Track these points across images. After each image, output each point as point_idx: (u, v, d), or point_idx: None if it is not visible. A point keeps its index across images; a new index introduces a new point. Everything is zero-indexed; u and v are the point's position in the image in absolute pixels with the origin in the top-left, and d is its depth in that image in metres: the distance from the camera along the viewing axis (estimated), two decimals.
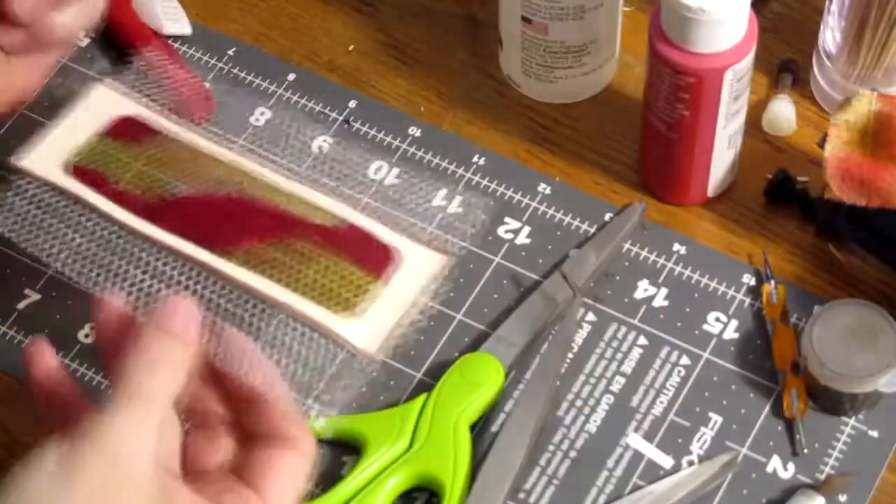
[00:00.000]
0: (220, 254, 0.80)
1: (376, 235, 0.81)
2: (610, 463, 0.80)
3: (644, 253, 0.87)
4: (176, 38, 0.96)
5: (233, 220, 0.82)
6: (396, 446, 0.79)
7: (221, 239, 0.81)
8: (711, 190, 0.88)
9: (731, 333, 0.84)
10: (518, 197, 0.89)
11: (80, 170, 0.83)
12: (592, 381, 0.83)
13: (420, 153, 0.91)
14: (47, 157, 0.83)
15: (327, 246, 0.80)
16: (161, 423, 0.61)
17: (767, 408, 0.81)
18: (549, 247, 0.87)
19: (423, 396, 0.81)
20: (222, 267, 0.79)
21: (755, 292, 0.85)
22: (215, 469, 0.66)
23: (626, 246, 0.87)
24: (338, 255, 0.80)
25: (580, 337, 0.84)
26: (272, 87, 0.94)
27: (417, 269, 0.80)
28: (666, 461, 0.80)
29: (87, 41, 0.96)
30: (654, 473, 0.80)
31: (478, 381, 0.81)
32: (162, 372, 0.62)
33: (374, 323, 0.79)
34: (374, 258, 0.80)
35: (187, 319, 0.64)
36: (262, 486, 0.65)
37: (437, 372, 0.82)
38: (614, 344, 0.84)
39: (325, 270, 0.79)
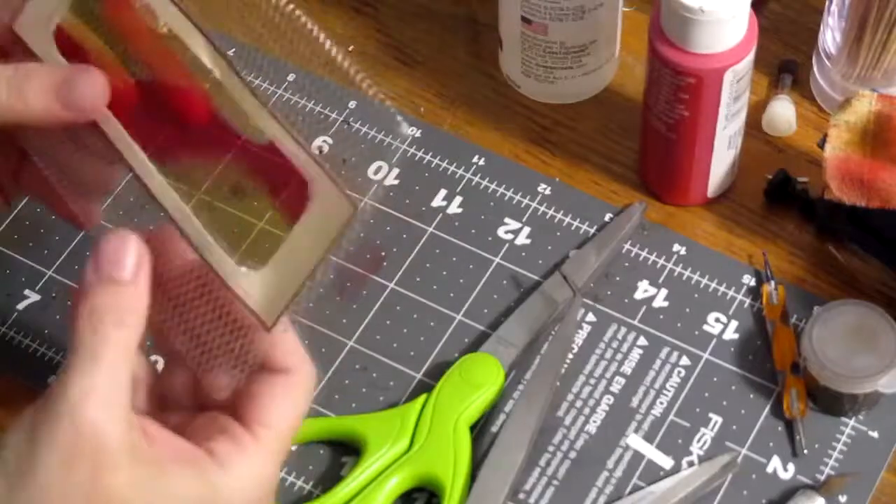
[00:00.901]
0: (155, 161, 0.67)
1: (298, 164, 0.64)
2: (610, 463, 0.80)
3: (644, 253, 0.87)
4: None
5: (183, 125, 0.70)
6: (396, 447, 0.79)
7: (162, 143, 0.68)
8: (711, 190, 0.88)
9: (731, 334, 0.84)
10: (518, 197, 0.89)
11: (63, 35, 0.70)
12: (592, 381, 0.83)
13: (420, 153, 0.91)
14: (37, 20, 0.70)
15: (250, 171, 0.68)
16: (121, 378, 0.58)
17: (767, 408, 0.81)
18: (549, 247, 0.87)
19: (423, 397, 0.81)
20: (151, 177, 0.66)
21: (755, 293, 0.85)
22: (182, 399, 0.63)
23: (626, 246, 0.87)
24: (256, 185, 0.68)
25: (580, 337, 0.84)
26: (272, 88, 0.94)
27: (323, 216, 0.64)
28: (666, 462, 0.80)
29: None
30: (654, 474, 0.80)
31: (478, 381, 0.81)
32: (109, 325, 0.59)
33: (273, 283, 0.65)
34: (290, 195, 0.65)
35: (132, 259, 0.60)
36: (260, 417, 0.61)
37: (437, 372, 0.82)
38: (614, 344, 0.84)
39: (240, 210, 0.69)
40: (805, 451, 0.79)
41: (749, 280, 0.85)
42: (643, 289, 0.85)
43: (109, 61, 0.69)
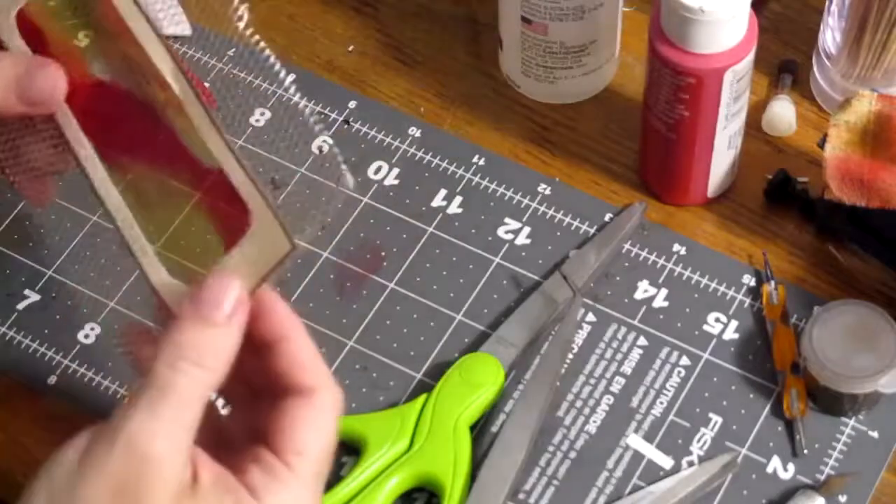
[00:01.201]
0: (107, 166, 0.67)
1: (243, 193, 0.64)
2: (610, 463, 0.80)
3: (644, 253, 0.87)
4: (175, 38, 0.96)
5: (135, 131, 0.69)
6: (396, 447, 0.79)
7: (115, 148, 0.68)
8: (711, 190, 0.88)
9: (731, 334, 0.84)
10: (518, 197, 0.89)
11: (24, 19, 0.70)
12: (592, 381, 0.83)
13: (420, 153, 0.91)
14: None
15: (200, 194, 0.67)
16: (187, 418, 0.57)
17: (767, 408, 0.81)
18: (549, 247, 0.87)
19: (423, 397, 0.81)
20: (101, 181, 0.67)
21: (755, 293, 0.85)
22: (237, 437, 0.62)
23: (626, 246, 0.87)
24: (202, 209, 0.67)
25: (580, 337, 0.84)
26: (272, 88, 0.94)
27: (260, 247, 0.64)
28: (666, 462, 0.80)
29: None
30: (654, 474, 0.80)
31: (478, 381, 0.81)
32: (188, 363, 0.58)
33: None
34: (232, 223, 0.65)
35: (232, 304, 0.59)
36: (292, 445, 0.60)
37: (437, 372, 0.82)
38: (614, 344, 0.84)
39: (186, 224, 0.68)
40: (805, 451, 0.79)
41: (749, 280, 0.85)
42: (643, 289, 0.85)
43: (69, 49, 0.69)
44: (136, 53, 0.66)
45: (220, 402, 0.64)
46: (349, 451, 0.80)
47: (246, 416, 0.63)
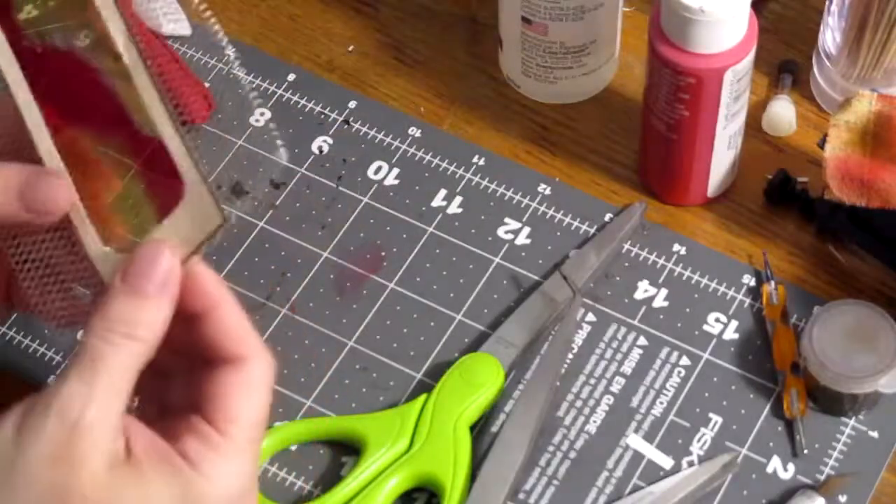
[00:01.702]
0: (49, 126, 0.67)
1: (179, 165, 0.65)
2: (610, 463, 0.80)
3: (644, 253, 0.87)
4: (175, 38, 0.96)
5: (81, 95, 0.69)
6: (396, 446, 0.79)
7: (62, 110, 0.69)
8: (711, 190, 0.88)
9: (731, 334, 0.84)
10: (518, 197, 0.89)
11: None
12: (592, 381, 0.83)
13: (420, 153, 0.91)
14: None
15: (138, 162, 0.68)
16: (119, 388, 0.58)
17: (767, 408, 0.81)
18: (549, 247, 0.87)
19: (423, 397, 0.81)
20: (42, 142, 0.66)
21: (755, 293, 0.85)
22: (178, 408, 0.63)
23: (626, 246, 0.87)
24: (139, 177, 0.68)
25: (580, 337, 0.84)
26: (272, 88, 0.94)
27: (192, 219, 0.65)
28: (666, 462, 0.80)
29: None
30: (654, 474, 0.80)
31: (478, 381, 0.81)
32: (118, 335, 0.59)
33: None
34: (166, 193, 0.66)
35: (162, 276, 0.60)
36: (225, 413, 0.61)
37: (437, 372, 0.82)
38: (614, 344, 0.84)
39: (123, 191, 0.69)
40: (805, 451, 0.79)
41: (749, 280, 0.85)
42: (643, 289, 0.85)
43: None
44: (96, 22, 0.67)
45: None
46: (349, 451, 0.80)
47: (184, 387, 0.64)
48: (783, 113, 0.90)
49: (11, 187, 0.64)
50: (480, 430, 0.81)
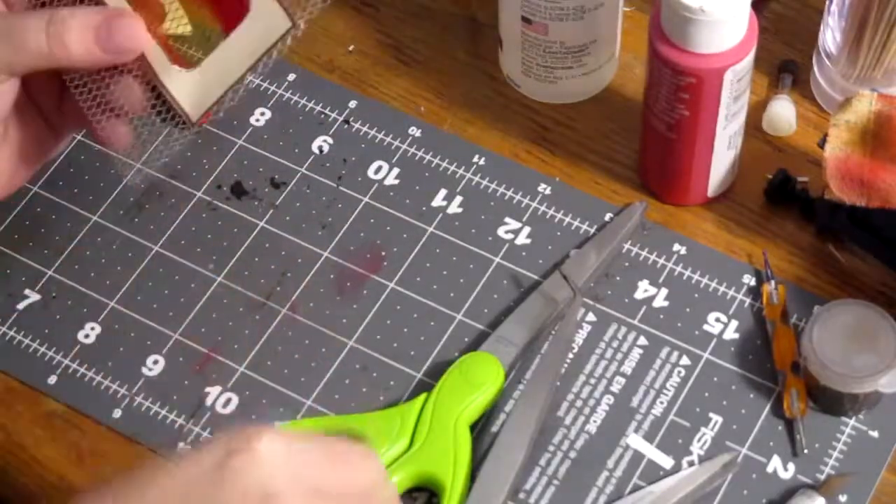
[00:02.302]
0: None
1: None
2: (610, 463, 0.80)
3: (644, 253, 0.87)
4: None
5: None
6: (396, 446, 0.79)
7: None
8: (711, 190, 0.88)
9: (731, 334, 0.84)
10: (518, 197, 0.89)
11: None
12: (592, 381, 0.83)
13: (420, 153, 0.91)
14: None
15: None
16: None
17: (767, 408, 0.81)
18: (549, 247, 0.87)
19: (423, 396, 0.81)
20: None
21: (755, 292, 0.85)
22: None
23: (626, 246, 0.87)
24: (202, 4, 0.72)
25: (580, 337, 0.84)
26: (272, 88, 0.94)
27: (261, 27, 0.70)
28: (666, 461, 0.80)
29: None
30: (654, 474, 0.80)
31: (478, 380, 0.81)
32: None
33: (203, 84, 0.72)
34: (229, 5, 0.70)
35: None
36: None
37: (437, 372, 0.82)
38: (614, 344, 0.84)
39: (190, 18, 0.72)
40: (805, 451, 0.80)
41: (749, 280, 0.85)
42: (643, 288, 0.85)
43: None
44: None
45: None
46: None
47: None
48: (783, 113, 0.90)
49: (89, 29, 0.66)
50: (480, 430, 0.81)
